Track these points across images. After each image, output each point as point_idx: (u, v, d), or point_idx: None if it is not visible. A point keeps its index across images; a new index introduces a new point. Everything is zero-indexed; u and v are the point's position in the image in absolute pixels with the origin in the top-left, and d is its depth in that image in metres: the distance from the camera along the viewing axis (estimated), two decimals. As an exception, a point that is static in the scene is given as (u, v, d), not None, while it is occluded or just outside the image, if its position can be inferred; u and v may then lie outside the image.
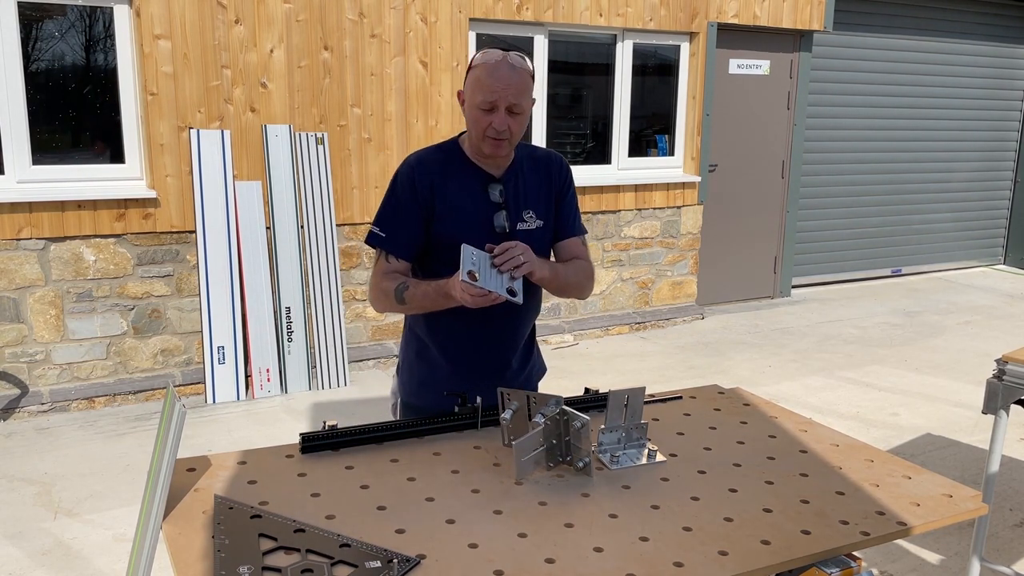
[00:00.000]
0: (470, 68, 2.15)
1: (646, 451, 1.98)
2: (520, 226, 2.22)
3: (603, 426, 1.98)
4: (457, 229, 2.15)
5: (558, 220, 2.35)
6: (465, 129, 2.26)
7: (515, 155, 2.26)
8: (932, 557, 3.41)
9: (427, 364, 2.31)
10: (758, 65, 7.21)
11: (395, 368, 2.48)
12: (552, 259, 2.36)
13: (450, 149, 2.25)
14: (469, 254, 1.98)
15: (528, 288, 2.21)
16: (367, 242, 2.24)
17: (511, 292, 2.02)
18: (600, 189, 6.43)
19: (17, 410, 4.70)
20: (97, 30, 4.92)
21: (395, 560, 1.51)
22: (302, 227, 5.29)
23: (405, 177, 2.20)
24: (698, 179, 6.89)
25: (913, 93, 8.44)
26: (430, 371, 2.31)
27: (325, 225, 5.34)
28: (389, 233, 2.20)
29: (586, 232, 2.44)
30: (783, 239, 7.68)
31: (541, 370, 2.48)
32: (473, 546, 1.58)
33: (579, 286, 2.34)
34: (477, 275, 1.97)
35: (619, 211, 6.59)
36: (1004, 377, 2.84)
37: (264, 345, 5.14)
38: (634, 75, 6.65)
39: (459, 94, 2.21)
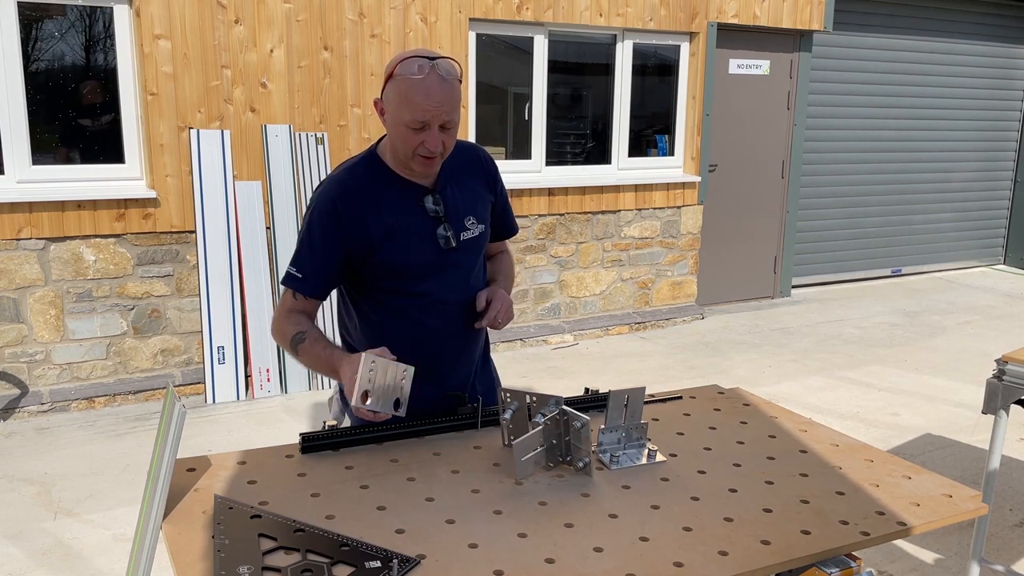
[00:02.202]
0: (390, 77, 1.91)
1: (646, 451, 1.98)
2: (464, 235, 2.09)
3: (603, 426, 1.98)
4: (402, 252, 2.02)
5: (497, 222, 2.25)
6: (381, 138, 2.10)
7: None
8: (932, 557, 3.41)
9: None
10: (758, 65, 7.21)
11: (335, 392, 2.32)
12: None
13: (371, 164, 2.05)
14: (367, 370, 1.83)
15: (469, 306, 2.13)
16: (283, 283, 2.07)
17: (397, 405, 1.91)
18: (600, 189, 6.43)
19: (17, 410, 4.70)
20: (97, 30, 4.92)
21: (395, 560, 1.51)
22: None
23: (327, 214, 1.99)
24: (698, 179, 6.89)
25: (913, 93, 8.44)
26: None
27: (325, 225, 5.34)
28: (306, 275, 2.04)
29: (518, 229, 2.37)
30: (783, 239, 7.68)
31: (498, 381, 2.38)
32: (473, 546, 1.58)
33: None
34: (371, 394, 1.85)
35: (619, 211, 6.59)
36: (1004, 377, 2.84)
37: (264, 345, 5.14)
38: (634, 75, 6.65)
39: (376, 103, 1.98)
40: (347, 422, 2.24)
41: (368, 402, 1.85)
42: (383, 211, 2.01)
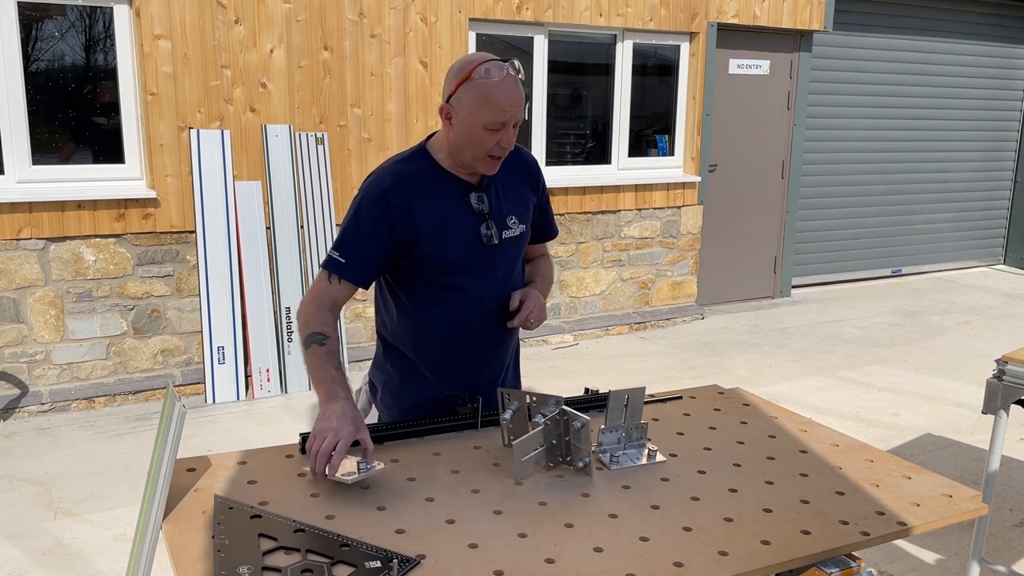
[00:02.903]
0: (464, 81, 1.95)
1: (646, 451, 1.98)
2: (505, 233, 2.14)
3: (603, 426, 1.98)
4: (445, 246, 2.06)
5: (539, 225, 2.30)
6: (432, 134, 2.14)
7: None
8: (932, 557, 3.41)
9: (417, 386, 2.20)
10: (758, 65, 7.21)
11: (365, 384, 2.35)
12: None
13: (420, 160, 2.09)
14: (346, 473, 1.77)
15: (507, 305, 2.16)
16: (324, 266, 2.06)
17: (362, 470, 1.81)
18: (600, 189, 6.43)
19: (17, 410, 4.70)
20: (97, 30, 4.92)
21: (395, 560, 1.51)
22: (302, 227, 5.29)
23: (378, 201, 2.02)
24: (698, 179, 6.89)
25: (913, 93, 8.44)
26: (420, 394, 2.19)
27: (325, 225, 5.34)
28: (349, 260, 2.03)
29: (557, 233, 2.42)
30: (783, 239, 7.68)
31: (519, 385, 2.43)
32: (473, 546, 1.58)
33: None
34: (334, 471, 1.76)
35: (619, 211, 6.59)
36: (1004, 377, 2.84)
37: (264, 345, 5.14)
38: (634, 75, 6.65)
39: (444, 110, 2.01)
40: (373, 415, 2.29)
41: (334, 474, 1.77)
42: (431, 204, 2.05)
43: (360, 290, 2.12)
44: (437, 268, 2.08)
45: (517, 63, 1.97)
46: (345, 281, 2.04)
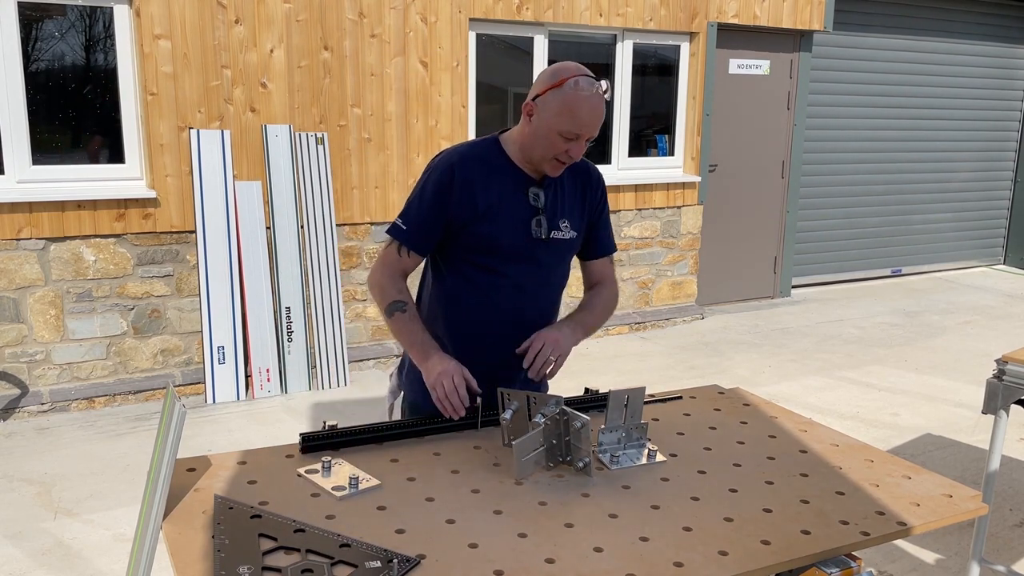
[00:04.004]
0: (556, 87, 2.03)
1: (646, 451, 1.98)
2: (555, 234, 2.21)
3: (603, 426, 1.98)
4: (498, 229, 2.14)
5: (593, 237, 2.36)
6: (505, 129, 2.24)
7: None
8: (932, 557, 3.41)
9: None
10: (758, 65, 7.21)
11: (395, 367, 2.45)
12: (581, 274, 2.43)
13: (490, 148, 2.19)
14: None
15: (544, 302, 2.26)
16: (388, 232, 2.19)
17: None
18: (600, 189, 6.42)
19: (17, 410, 4.70)
20: (97, 30, 4.92)
21: (395, 560, 1.51)
22: (302, 227, 5.29)
23: (443, 175, 2.13)
24: (698, 179, 6.89)
25: (913, 93, 8.44)
26: None
27: (325, 225, 5.34)
28: (412, 228, 2.15)
29: (616, 249, 2.46)
30: (783, 239, 7.68)
31: (546, 385, 2.44)
32: (473, 546, 1.58)
33: (605, 321, 2.42)
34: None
35: (619, 211, 6.59)
36: (1004, 377, 2.84)
37: (264, 345, 5.14)
38: (634, 75, 6.65)
39: (528, 107, 2.09)
40: (400, 398, 2.38)
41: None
42: (491, 187, 2.14)
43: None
44: (485, 250, 2.16)
45: (606, 83, 2.07)
46: (413, 252, 2.17)
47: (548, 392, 2.31)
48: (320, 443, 1.98)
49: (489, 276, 2.18)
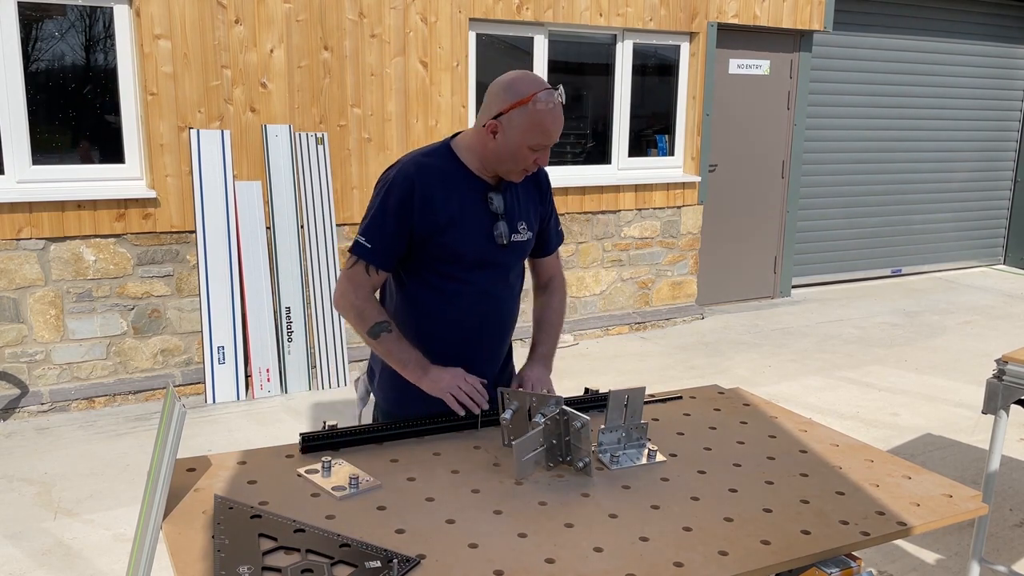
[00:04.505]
0: (521, 103, 2.03)
1: (646, 451, 1.99)
2: (515, 237, 2.22)
3: (603, 426, 1.98)
4: (461, 239, 2.14)
5: (545, 235, 2.39)
6: (457, 132, 2.23)
7: None
8: (932, 557, 3.41)
9: None
10: (758, 65, 7.21)
11: (363, 374, 2.45)
12: (530, 271, 2.46)
13: (445, 156, 2.17)
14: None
15: (507, 303, 2.29)
16: (353, 251, 2.15)
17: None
18: (600, 189, 6.43)
19: (17, 410, 4.70)
20: (97, 30, 4.92)
21: (395, 560, 1.51)
22: (302, 227, 5.29)
23: (404, 190, 2.10)
24: (698, 179, 6.89)
25: (913, 93, 8.44)
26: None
27: (325, 225, 5.34)
28: (377, 246, 2.12)
29: (563, 240, 2.50)
30: (783, 239, 7.68)
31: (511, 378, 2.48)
32: (473, 546, 1.58)
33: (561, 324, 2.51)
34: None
35: (619, 211, 6.59)
36: (1004, 377, 2.84)
37: (264, 345, 5.14)
38: (634, 75, 6.65)
39: (492, 125, 2.07)
40: (371, 404, 2.38)
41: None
42: (451, 197, 2.13)
43: None
44: (449, 260, 2.16)
45: (562, 92, 2.09)
46: (381, 270, 2.15)
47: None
48: (320, 443, 1.98)
49: (453, 284, 2.18)
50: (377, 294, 2.26)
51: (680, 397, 2.42)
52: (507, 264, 2.24)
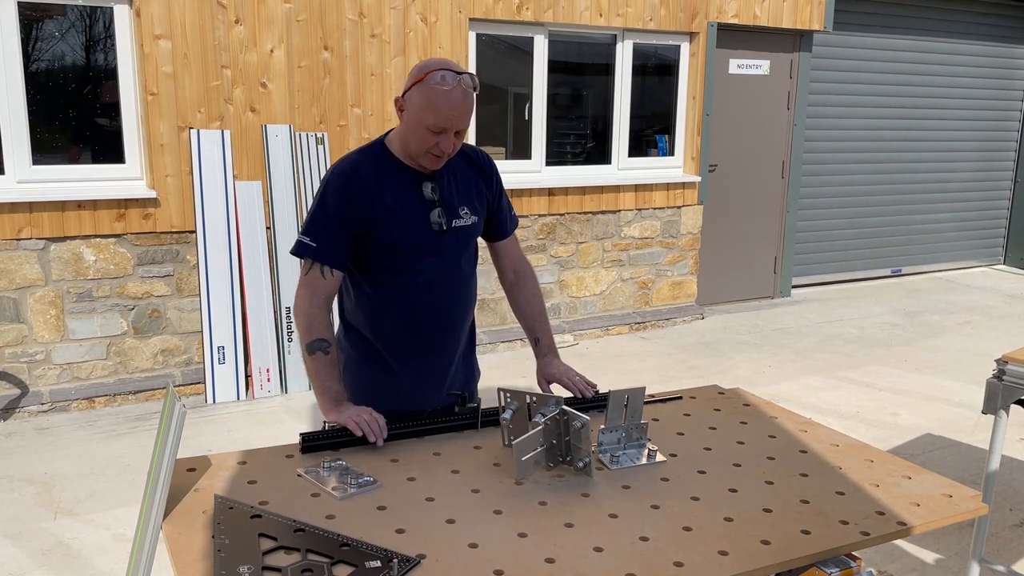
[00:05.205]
0: (419, 82, 2.08)
1: (646, 451, 1.99)
2: (456, 222, 2.25)
3: (603, 426, 1.98)
4: (398, 230, 2.17)
5: (498, 218, 2.41)
6: (390, 130, 2.26)
7: None
8: (932, 557, 3.41)
9: (375, 365, 2.29)
10: (758, 65, 7.21)
11: None
12: (492, 259, 2.49)
13: (378, 152, 2.22)
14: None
15: (460, 288, 2.30)
16: (294, 252, 2.18)
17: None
18: (600, 189, 6.43)
19: (17, 410, 4.70)
20: (97, 30, 4.92)
21: (395, 560, 1.52)
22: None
23: (339, 188, 2.14)
24: (698, 179, 6.89)
25: (913, 93, 8.44)
26: (377, 373, 2.28)
27: (325, 225, 5.34)
28: (321, 243, 2.14)
29: (518, 223, 2.52)
30: (783, 239, 7.68)
31: (478, 373, 2.50)
32: (473, 546, 1.58)
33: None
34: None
35: (619, 211, 6.59)
36: (1004, 377, 2.84)
37: (264, 345, 5.14)
38: (634, 75, 6.65)
39: (397, 101, 2.14)
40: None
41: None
42: (386, 192, 2.17)
43: None
44: (391, 252, 2.19)
45: (472, 78, 2.11)
46: (335, 270, 2.16)
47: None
48: (320, 443, 1.98)
49: (402, 275, 2.21)
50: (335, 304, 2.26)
51: (680, 397, 2.42)
52: (453, 250, 2.26)
